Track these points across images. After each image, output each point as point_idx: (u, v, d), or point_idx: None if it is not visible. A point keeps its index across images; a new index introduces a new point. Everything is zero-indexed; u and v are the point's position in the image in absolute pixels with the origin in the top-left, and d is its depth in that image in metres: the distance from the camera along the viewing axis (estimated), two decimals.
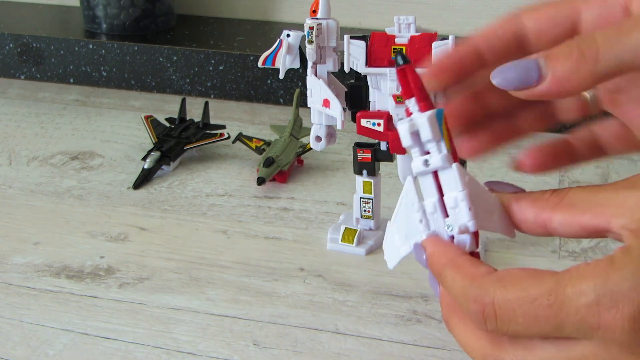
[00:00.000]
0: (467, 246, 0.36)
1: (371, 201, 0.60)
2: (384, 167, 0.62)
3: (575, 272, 0.31)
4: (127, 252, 0.60)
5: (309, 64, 0.57)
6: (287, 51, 0.58)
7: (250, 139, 0.78)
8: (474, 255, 0.36)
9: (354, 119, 0.56)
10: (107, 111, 0.93)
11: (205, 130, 0.80)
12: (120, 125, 0.88)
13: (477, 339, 0.35)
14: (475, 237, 0.36)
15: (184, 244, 0.62)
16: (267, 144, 0.77)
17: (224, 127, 0.81)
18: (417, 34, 0.53)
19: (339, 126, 0.57)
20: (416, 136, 0.36)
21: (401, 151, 0.56)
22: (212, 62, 0.96)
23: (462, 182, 0.35)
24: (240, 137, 0.78)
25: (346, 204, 0.68)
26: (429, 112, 0.35)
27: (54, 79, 1.02)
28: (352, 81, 0.58)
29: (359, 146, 0.59)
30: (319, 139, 0.59)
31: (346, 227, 0.61)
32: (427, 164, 0.36)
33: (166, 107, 0.94)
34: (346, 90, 0.58)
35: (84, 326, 0.51)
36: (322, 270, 0.58)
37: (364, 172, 0.60)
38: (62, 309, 0.53)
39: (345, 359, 0.48)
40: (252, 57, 0.94)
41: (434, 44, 0.52)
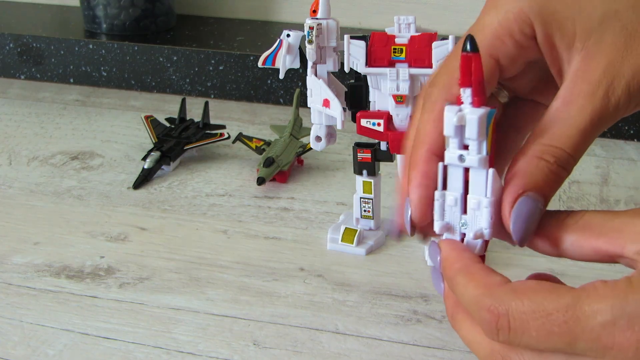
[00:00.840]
0: (477, 249, 0.36)
1: (371, 201, 0.60)
2: (384, 167, 0.62)
3: (592, 290, 0.31)
4: (127, 252, 0.60)
5: (309, 64, 0.57)
6: (287, 51, 0.59)
7: (250, 139, 0.78)
8: (482, 259, 0.36)
9: (354, 119, 0.56)
10: (107, 111, 0.93)
11: (205, 130, 0.80)
12: (120, 125, 0.88)
13: (484, 335, 0.35)
14: (485, 243, 0.36)
15: (184, 244, 0.62)
16: (267, 144, 0.77)
17: (224, 127, 0.81)
18: (417, 34, 0.53)
19: (339, 126, 0.57)
20: (459, 129, 0.34)
21: (401, 151, 0.56)
22: (212, 62, 0.96)
23: (492, 190, 0.35)
24: (240, 137, 0.78)
25: (346, 204, 0.68)
26: (483, 109, 0.34)
27: (54, 79, 1.02)
28: (352, 81, 0.58)
29: (359, 146, 0.59)
30: (319, 139, 0.59)
31: (346, 227, 0.61)
32: (462, 160, 0.35)
33: (166, 107, 0.94)
34: (346, 90, 0.58)
35: (84, 326, 0.51)
36: (322, 270, 0.58)
37: (364, 172, 0.60)
38: (62, 309, 0.53)
39: (345, 359, 0.48)
40: (252, 57, 0.94)
41: (434, 44, 0.52)
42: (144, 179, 0.72)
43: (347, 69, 0.55)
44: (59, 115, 0.91)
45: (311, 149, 0.61)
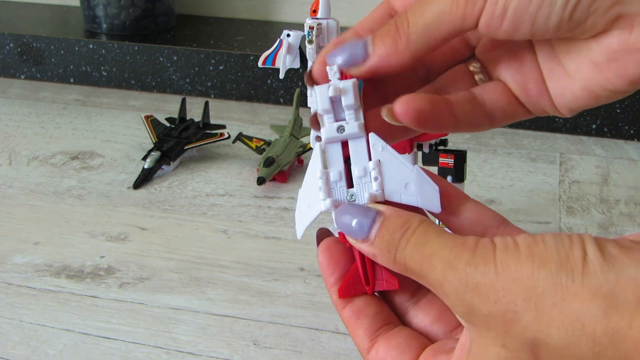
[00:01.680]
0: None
1: None
2: None
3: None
4: (127, 252, 0.60)
5: (309, 64, 0.57)
6: (287, 51, 0.59)
7: (250, 138, 0.78)
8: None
9: None
10: (107, 111, 0.93)
11: (205, 130, 0.80)
12: (120, 125, 0.88)
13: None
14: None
15: (184, 243, 0.62)
16: (267, 143, 0.77)
17: (224, 127, 0.81)
18: None
19: None
20: (334, 102, 0.36)
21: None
22: (212, 62, 0.96)
23: (374, 152, 0.35)
24: (240, 137, 0.78)
25: None
26: (353, 79, 0.35)
27: (54, 79, 1.02)
28: None
29: None
30: (319, 138, 0.59)
31: None
32: (341, 130, 0.36)
33: (166, 107, 0.94)
34: None
35: (84, 326, 0.51)
36: None
37: None
38: (62, 309, 0.53)
39: (345, 359, 0.48)
40: (252, 57, 0.94)
41: None
42: (144, 179, 0.72)
43: None
44: (59, 115, 0.91)
45: (311, 148, 0.61)
